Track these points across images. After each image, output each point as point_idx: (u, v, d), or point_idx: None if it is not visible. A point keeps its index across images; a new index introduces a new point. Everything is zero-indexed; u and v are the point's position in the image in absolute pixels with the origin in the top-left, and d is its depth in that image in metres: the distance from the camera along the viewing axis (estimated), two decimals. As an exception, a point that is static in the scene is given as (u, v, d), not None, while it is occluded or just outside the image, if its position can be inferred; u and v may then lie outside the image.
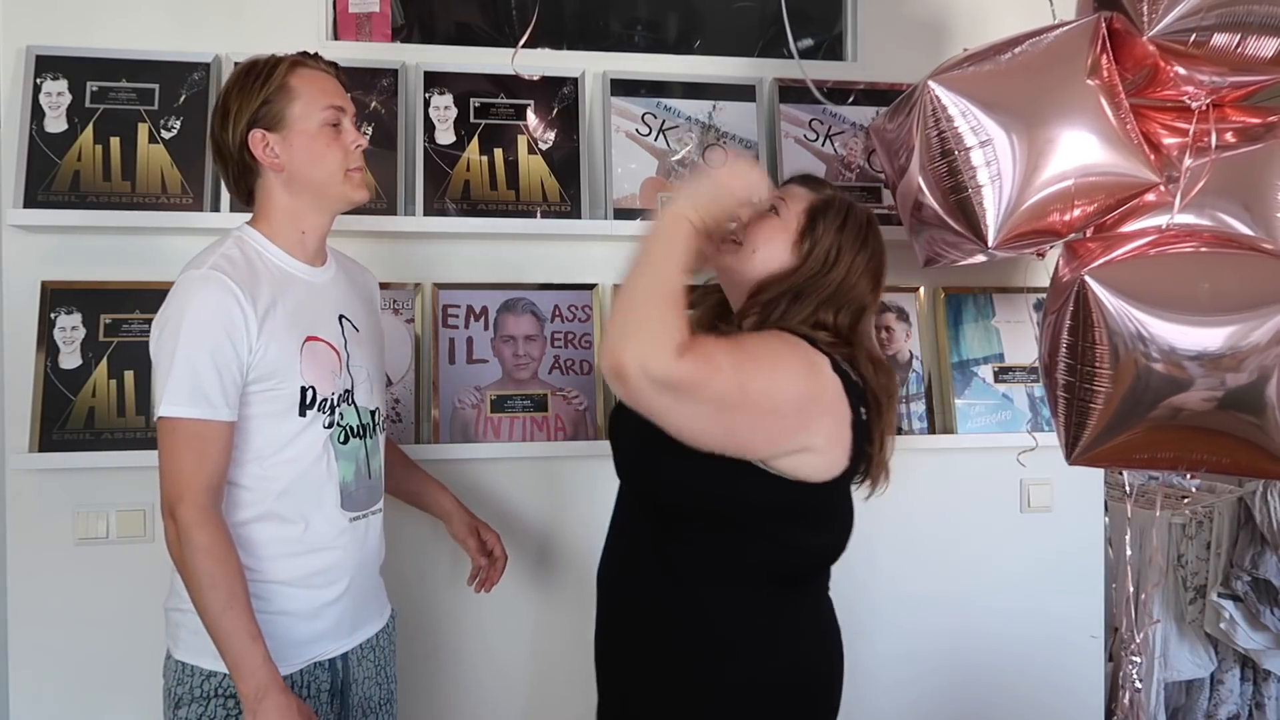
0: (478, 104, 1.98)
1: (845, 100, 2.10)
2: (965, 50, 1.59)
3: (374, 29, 2.03)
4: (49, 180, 1.80)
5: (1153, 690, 2.98)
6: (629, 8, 2.30)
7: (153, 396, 1.32)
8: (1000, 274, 2.16)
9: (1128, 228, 1.58)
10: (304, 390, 1.38)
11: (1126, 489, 1.91)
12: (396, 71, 1.95)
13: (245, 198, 1.45)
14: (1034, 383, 2.13)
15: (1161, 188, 1.51)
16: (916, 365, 2.13)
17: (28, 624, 1.84)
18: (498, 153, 1.97)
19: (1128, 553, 1.89)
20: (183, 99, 1.87)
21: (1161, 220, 1.55)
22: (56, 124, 1.82)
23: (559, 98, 2.01)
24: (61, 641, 1.84)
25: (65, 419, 1.79)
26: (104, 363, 1.82)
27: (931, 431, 2.11)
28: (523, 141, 1.98)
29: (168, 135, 1.85)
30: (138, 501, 1.85)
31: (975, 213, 1.50)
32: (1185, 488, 2.87)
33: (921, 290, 2.16)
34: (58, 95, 1.83)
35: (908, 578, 2.14)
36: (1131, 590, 1.88)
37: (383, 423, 1.55)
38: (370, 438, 1.50)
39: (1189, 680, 3.05)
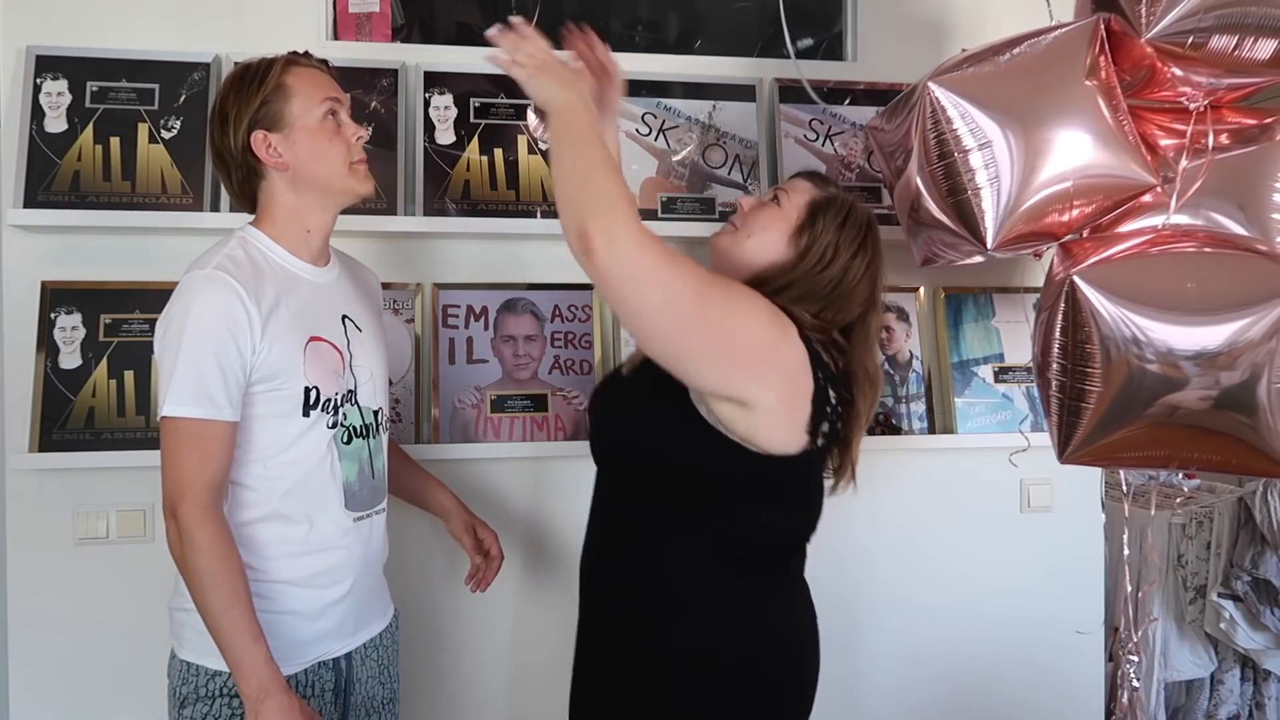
0: (478, 104, 1.98)
1: (844, 100, 2.11)
2: (964, 50, 1.59)
3: (374, 29, 2.03)
4: (49, 180, 1.80)
5: (1153, 690, 2.98)
6: (629, 8, 2.30)
7: (157, 396, 1.32)
8: (1000, 274, 2.16)
9: (1123, 229, 1.58)
10: (307, 390, 1.38)
11: (1124, 488, 1.91)
12: (396, 71, 1.95)
13: (249, 203, 1.45)
14: (1034, 383, 2.12)
15: (1159, 189, 1.51)
16: (916, 365, 2.13)
17: (28, 624, 1.84)
18: (498, 153, 1.97)
19: (1125, 552, 1.89)
20: (183, 99, 1.87)
21: (1157, 221, 1.55)
22: (56, 124, 1.83)
23: (559, 98, 2.00)
24: (61, 641, 1.84)
25: (65, 419, 1.79)
26: (104, 363, 1.82)
27: (931, 431, 2.11)
28: (523, 141, 1.98)
29: (168, 135, 1.85)
30: (138, 501, 1.85)
31: (974, 214, 1.50)
32: (1180, 486, 2.88)
33: (921, 290, 2.16)
34: (58, 95, 1.83)
35: (907, 578, 2.15)
36: (1129, 589, 1.87)
37: (385, 423, 1.56)
38: (373, 438, 1.50)
39: (1189, 680, 3.05)
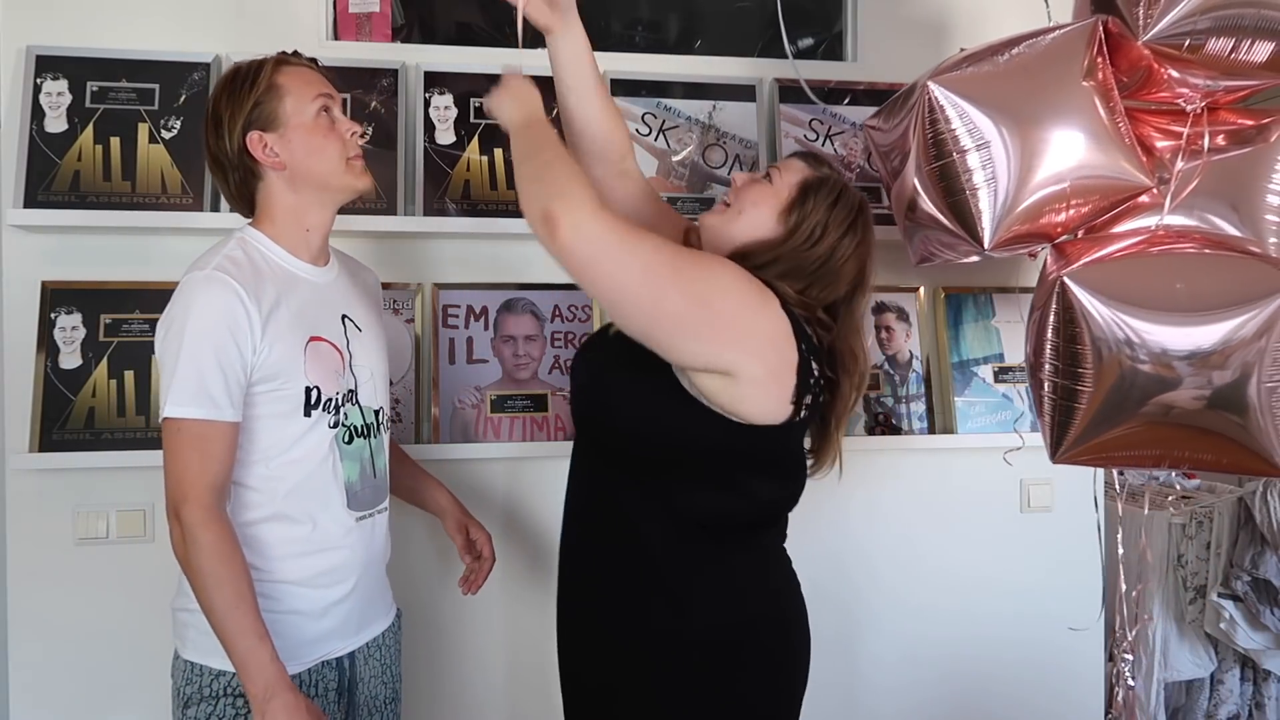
0: (478, 104, 1.98)
1: (844, 100, 2.11)
2: (962, 50, 1.59)
3: (374, 29, 2.03)
4: (49, 180, 1.80)
5: (1153, 690, 2.98)
6: (630, 8, 2.30)
7: (156, 399, 1.32)
8: (1000, 274, 2.16)
9: (1118, 230, 1.58)
10: (308, 390, 1.38)
11: (1117, 487, 1.91)
12: (396, 71, 1.95)
13: (247, 206, 1.44)
14: (1033, 383, 2.13)
15: (1154, 190, 1.51)
16: (916, 365, 2.13)
17: (28, 624, 1.84)
18: (498, 153, 1.97)
19: (1120, 551, 1.89)
20: (183, 99, 1.87)
21: (1151, 222, 1.55)
22: (57, 124, 1.83)
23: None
24: (61, 641, 1.84)
25: (65, 419, 1.79)
26: (104, 363, 1.82)
27: (931, 431, 2.11)
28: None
29: (168, 135, 1.85)
30: (138, 501, 1.85)
31: (971, 214, 1.50)
32: (1173, 485, 2.88)
33: (921, 290, 2.16)
34: (58, 95, 1.83)
35: (906, 578, 2.15)
36: (1123, 588, 1.87)
37: (386, 422, 1.56)
38: (374, 437, 1.50)
39: (1189, 680, 3.04)
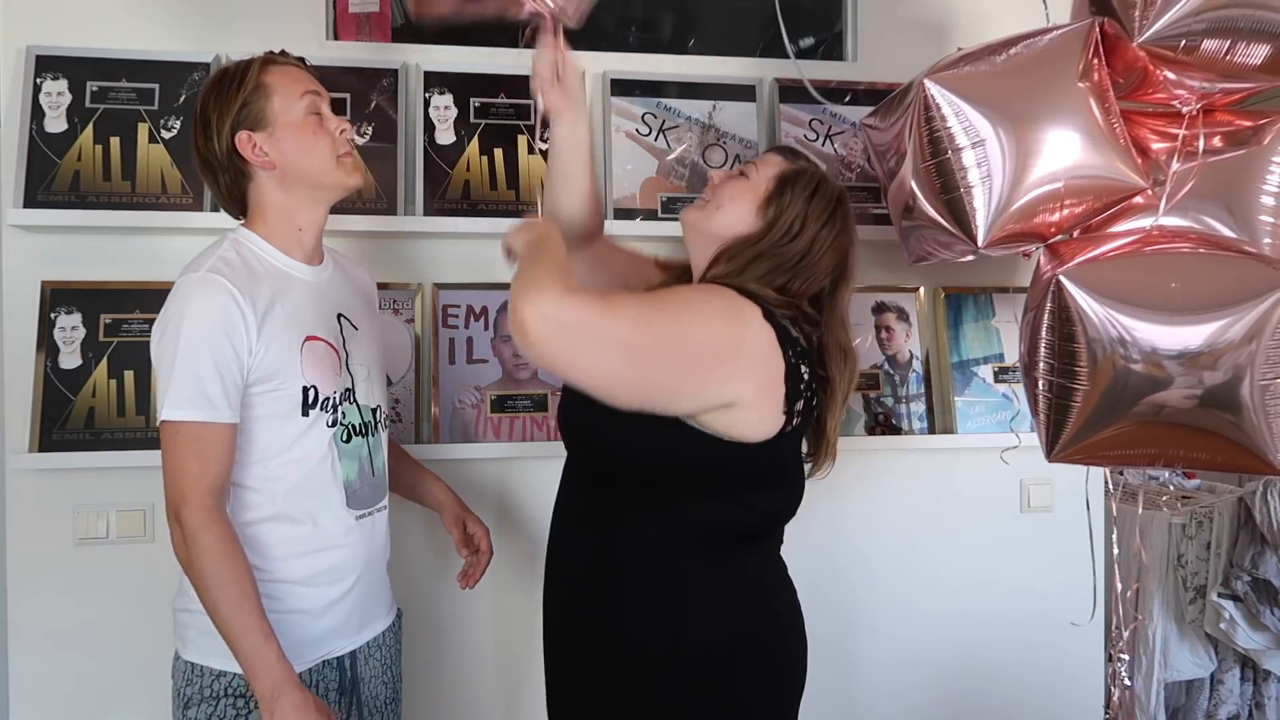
0: (478, 104, 1.98)
1: (844, 100, 2.11)
2: (960, 50, 1.59)
3: (374, 29, 2.03)
4: (49, 180, 1.80)
5: (1153, 690, 2.98)
6: (630, 8, 2.30)
7: (155, 401, 1.32)
8: (1000, 274, 2.16)
9: (1112, 230, 1.58)
10: (306, 390, 1.38)
11: (1111, 486, 1.92)
12: (396, 71, 1.96)
13: (238, 206, 1.44)
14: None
15: (1149, 192, 1.52)
16: (916, 365, 2.13)
17: (28, 624, 1.84)
18: (498, 153, 1.97)
19: (1115, 551, 1.89)
20: (183, 99, 1.87)
21: (1146, 223, 1.55)
22: (56, 124, 1.83)
23: (559, 98, 2.00)
24: (62, 641, 1.84)
25: (65, 419, 1.79)
26: (104, 363, 1.82)
27: (931, 431, 2.11)
28: (522, 141, 1.98)
29: (168, 135, 1.85)
30: (138, 501, 1.85)
31: (965, 212, 1.51)
32: (1168, 484, 2.88)
33: (921, 290, 2.16)
34: (58, 95, 1.83)
35: (906, 578, 2.15)
36: (1119, 588, 1.88)
37: (384, 420, 1.56)
38: (373, 435, 1.50)
39: (1189, 680, 3.04)
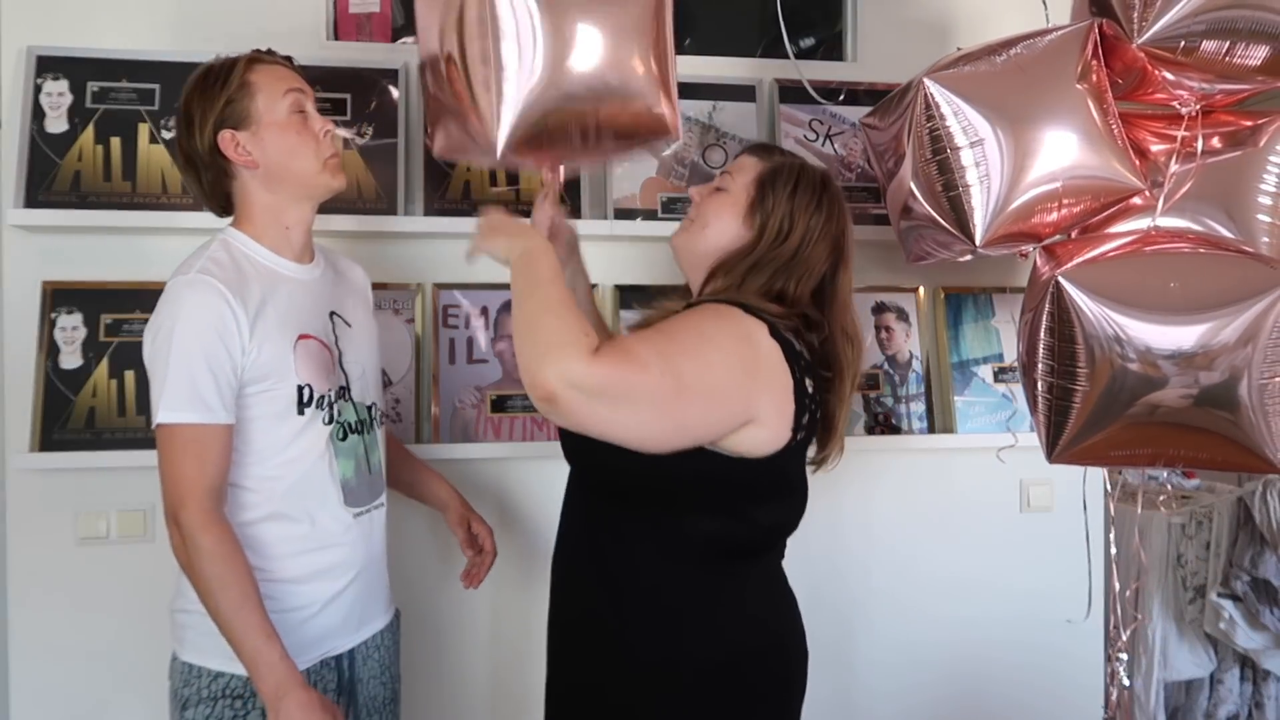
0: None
1: (844, 100, 2.10)
2: (959, 50, 1.60)
3: (374, 29, 2.03)
4: (49, 180, 1.80)
5: (1153, 690, 2.98)
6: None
7: (150, 404, 1.31)
8: (999, 274, 2.16)
9: (1111, 230, 1.58)
10: (300, 389, 1.38)
11: (1110, 486, 1.92)
12: (396, 72, 1.96)
13: (222, 204, 1.44)
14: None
15: (1146, 193, 1.52)
16: (916, 365, 2.13)
17: (28, 624, 1.84)
18: (498, 153, 1.97)
19: (1113, 550, 1.90)
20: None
21: (1143, 223, 1.56)
22: (57, 124, 1.83)
23: (559, 98, 2.00)
24: (62, 641, 1.84)
25: (66, 419, 1.79)
26: (104, 363, 1.82)
27: (931, 431, 2.11)
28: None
29: (168, 135, 1.85)
30: (138, 501, 1.85)
31: (964, 211, 1.51)
32: (1167, 484, 2.88)
33: (921, 290, 2.16)
34: (58, 95, 1.83)
35: (906, 577, 2.15)
36: (1117, 587, 1.88)
37: (380, 417, 1.55)
38: (369, 433, 1.50)
39: (1189, 680, 3.05)
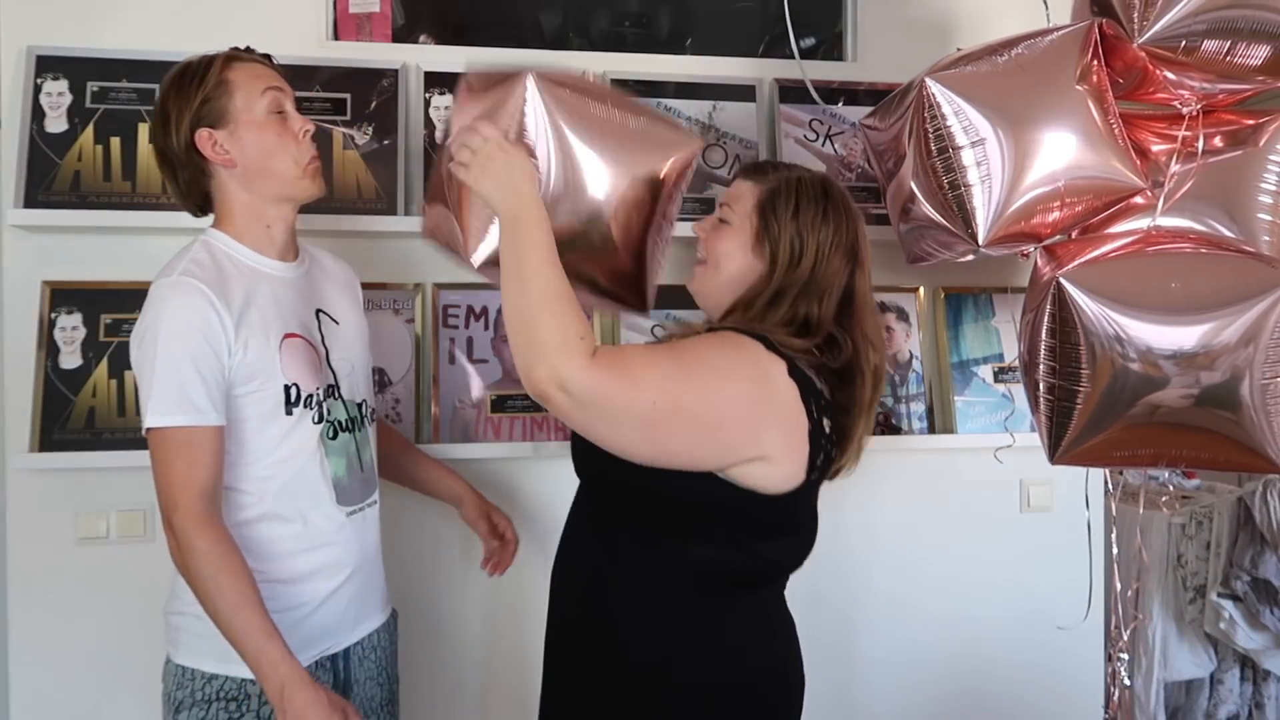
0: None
1: (845, 100, 2.10)
2: (959, 50, 1.60)
3: (374, 29, 2.03)
4: (49, 180, 1.80)
5: (1153, 690, 2.98)
6: (628, 7, 2.30)
7: (140, 410, 1.30)
8: (1000, 274, 2.16)
9: (1111, 230, 1.58)
10: (287, 388, 1.37)
11: (1108, 486, 1.92)
12: (396, 72, 1.95)
13: (199, 203, 1.43)
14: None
15: (1147, 192, 1.52)
16: (916, 365, 2.13)
17: (28, 624, 1.84)
18: (498, 153, 1.97)
19: (1114, 550, 1.90)
20: (183, 99, 1.86)
21: (1144, 223, 1.56)
22: (57, 124, 1.82)
23: (559, 98, 2.00)
24: (62, 641, 1.84)
25: (66, 419, 1.79)
26: (104, 363, 1.82)
27: (931, 431, 2.11)
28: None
29: (168, 135, 1.85)
30: (138, 501, 1.84)
31: (966, 210, 1.51)
32: (1168, 484, 2.88)
33: (921, 290, 2.16)
34: (58, 95, 1.83)
35: (906, 578, 2.15)
36: (1118, 588, 1.88)
37: (371, 414, 1.55)
38: (360, 431, 1.49)
39: (1189, 680, 3.04)
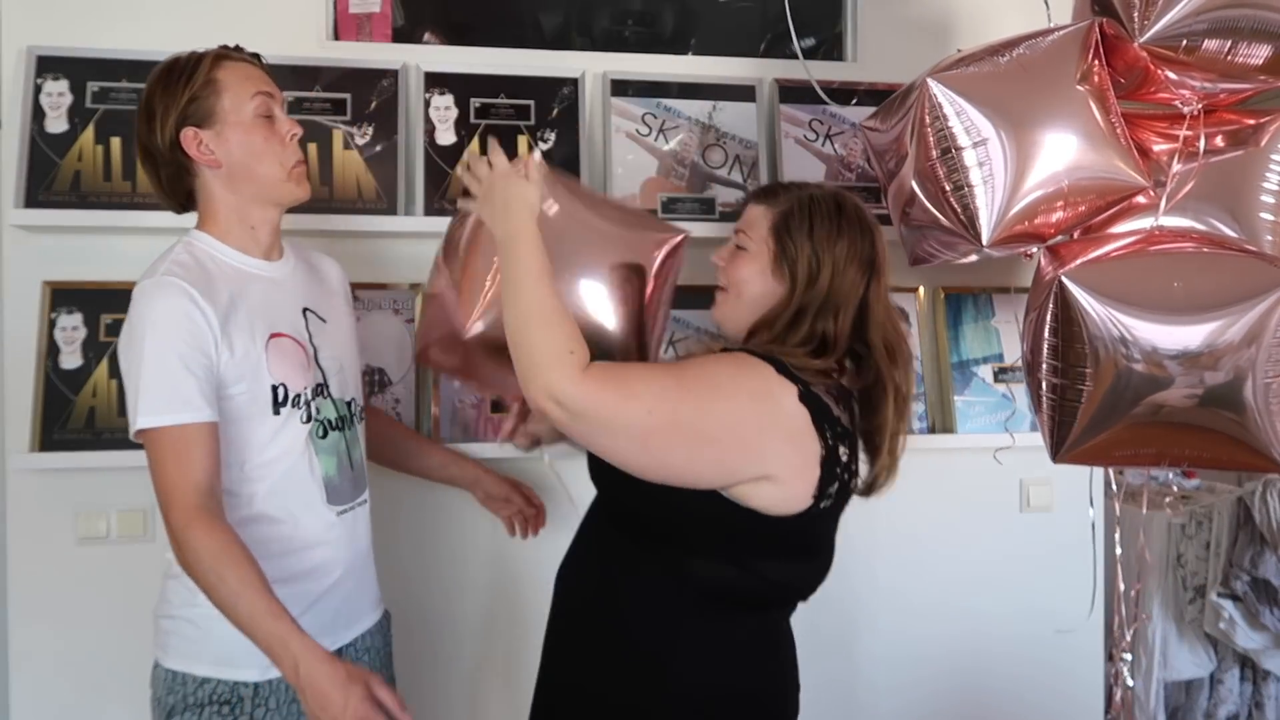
0: (478, 104, 1.98)
1: (846, 100, 2.10)
2: (959, 51, 1.60)
3: (374, 29, 2.03)
4: (50, 180, 1.80)
5: (1153, 690, 2.98)
6: (629, 5, 2.30)
7: (128, 413, 1.27)
8: (1000, 274, 2.16)
9: (1113, 230, 1.58)
10: (274, 388, 1.36)
11: (1114, 486, 1.92)
12: (396, 72, 1.96)
13: (181, 201, 1.42)
14: (1034, 383, 2.13)
15: (1150, 191, 1.52)
16: (916, 365, 2.13)
17: (28, 624, 1.84)
18: (498, 153, 1.97)
19: (1118, 551, 1.90)
20: (183, 99, 1.87)
21: (1146, 223, 1.56)
22: (57, 124, 1.83)
23: (559, 98, 2.01)
24: (62, 642, 1.84)
25: (66, 419, 1.79)
26: (104, 363, 1.82)
27: (931, 431, 2.11)
28: (523, 141, 1.98)
29: (168, 135, 1.85)
30: (138, 501, 1.84)
31: (970, 211, 1.51)
32: (1171, 485, 2.88)
33: (921, 290, 2.16)
34: (58, 95, 1.83)
35: (906, 578, 2.15)
36: (1121, 588, 1.88)
37: (360, 413, 1.54)
38: (349, 429, 1.49)
39: (1189, 680, 3.05)
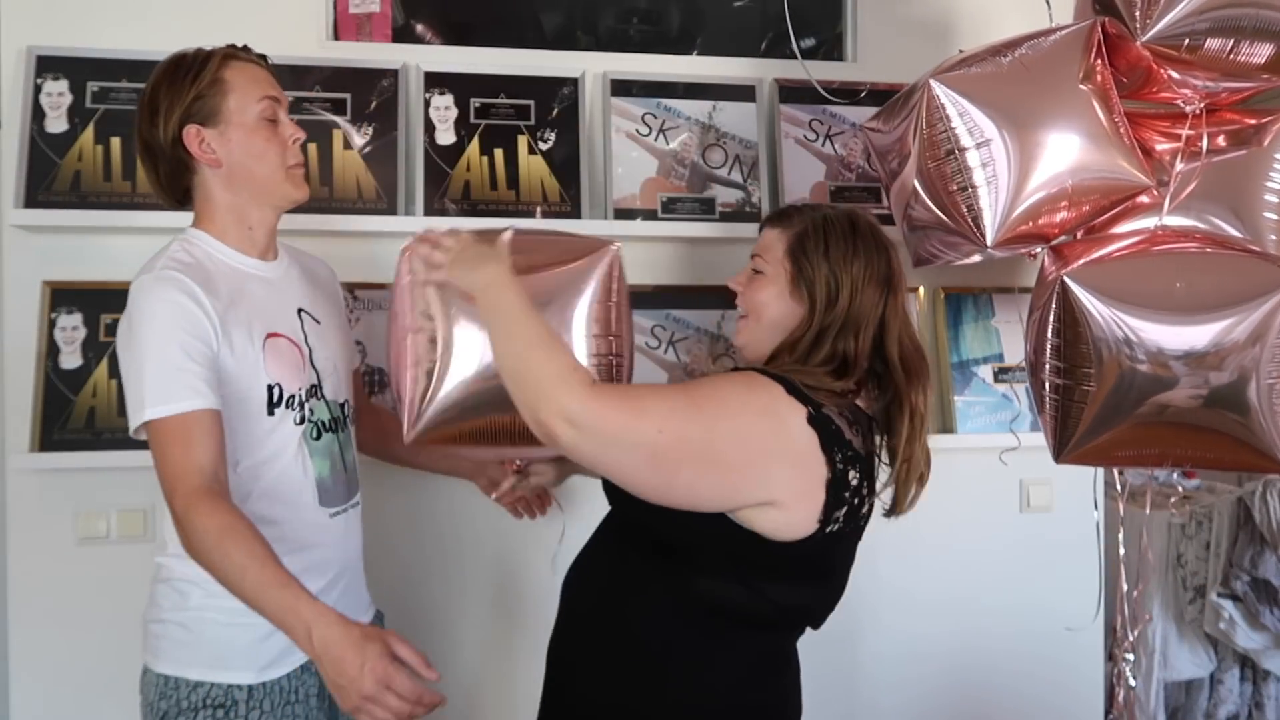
0: (478, 104, 1.98)
1: (845, 100, 2.10)
2: (961, 51, 1.60)
3: (374, 29, 2.03)
4: (50, 180, 1.80)
5: (1153, 690, 2.98)
6: (632, 5, 2.30)
7: (128, 408, 1.26)
8: (1000, 274, 2.16)
9: (1117, 230, 1.58)
10: (270, 388, 1.35)
11: (1118, 487, 1.92)
12: (396, 72, 1.96)
13: (179, 198, 1.42)
14: (1033, 383, 2.13)
15: (1154, 190, 1.52)
16: (916, 365, 2.13)
17: (28, 624, 1.84)
18: (498, 153, 1.97)
19: (1121, 551, 1.89)
20: (183, 99, 1.87)
21: (1150, 223, 1.56)
22: (57, 124, 1.83)
23: (559, 98, 2.01)
24: (62, 642, 1.84)
25: (66, 419, 1.79)
26: (104, 363, 1.82)
27: (931, 431, 2.11)
28: (523, 142, 1.99)
29: (168, 135, 1.85)
30: (138, 501, 1.84)
31: (974, 211, 1.51)
32: (1175, 485, 2.88)
33: (921, 290, 2.16)
34: (58, 95, 1.83)
35: (907, 577, 2.15)
36: (1124, 588, 1.88)
37: (353, 414, 1.54)
38: (342, 431, 1.48)
39: (1189, 680, 3.05)
